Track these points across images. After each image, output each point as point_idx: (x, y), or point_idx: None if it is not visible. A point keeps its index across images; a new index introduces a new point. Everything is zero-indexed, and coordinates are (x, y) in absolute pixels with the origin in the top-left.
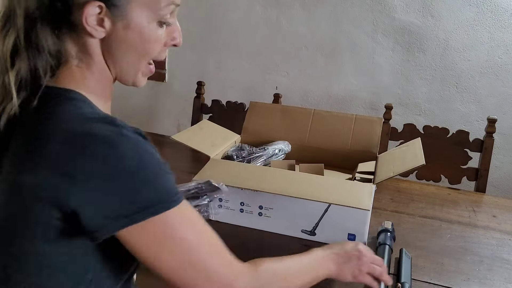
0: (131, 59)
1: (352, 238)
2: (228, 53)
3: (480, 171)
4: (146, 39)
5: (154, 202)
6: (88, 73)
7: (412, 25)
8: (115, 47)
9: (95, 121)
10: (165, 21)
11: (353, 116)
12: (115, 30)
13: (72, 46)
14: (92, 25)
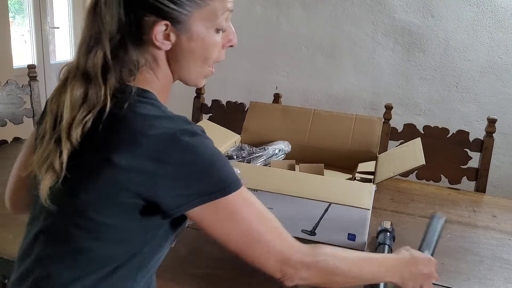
0: (194, 65)
1: (352, 238)
2: (228, 53)
3: (480, 171)
4: (207, 46)
5: (223, 186)
6: (156, 78)
7: (412, 25)
8: (180, 56)
9: (178, 120)
10: (221, 28)
11: (353, 116)
12: (179, 42)
13: (144, 57)
14: (160, 40)
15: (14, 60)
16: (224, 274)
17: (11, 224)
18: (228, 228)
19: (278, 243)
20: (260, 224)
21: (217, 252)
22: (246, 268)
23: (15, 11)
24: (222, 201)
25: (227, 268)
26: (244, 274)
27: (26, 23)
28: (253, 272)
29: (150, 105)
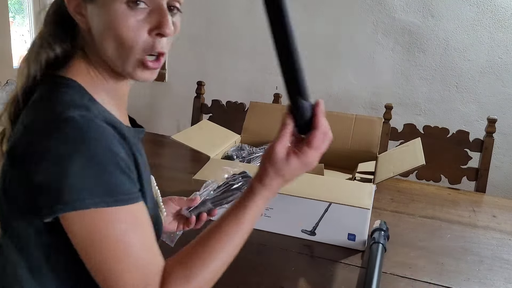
0: (112, 49)
1: (352, 238)
2: (228, 53)
3: (480, 171)
4: (115, 23)
5: (95, 195)
6: (91, 67)
7: (412, 25)
8: (97, 35)
9: (69, 106)
10: (134, 3)
11: (353, 116)
12: (91, 17)
13: (79, 40)
14: (75, 11)
15: (14, 60)
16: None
17: None
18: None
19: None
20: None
21: None
22: (246, 268)
23: (15, 11)
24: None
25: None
26: (244, 274)
27: (26, 23)
28: (253, 272)
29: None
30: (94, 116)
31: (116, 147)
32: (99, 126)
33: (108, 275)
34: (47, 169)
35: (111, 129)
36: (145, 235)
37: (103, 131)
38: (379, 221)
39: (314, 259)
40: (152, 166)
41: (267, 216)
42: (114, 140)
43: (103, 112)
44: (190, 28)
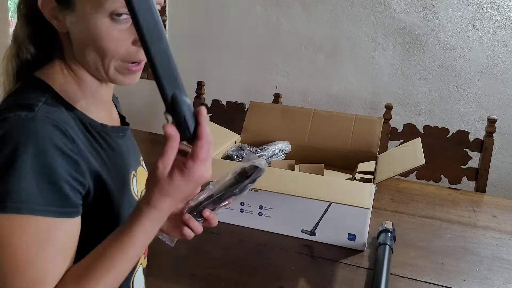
0: (92, 57)
1: (352, 238)
2: (228, 53)
3: (480, 171)
4: (96, 35)
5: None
6: (66, 67)
7: (412, 25)
8: (75, 42)
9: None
10: (117, 17)
11: (353, 116)
12: (68, 24)
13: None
14: (50, 16)
15: None
16: (224, 274)
17: None
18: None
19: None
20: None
21: (217, 252)
22: (246, 268)
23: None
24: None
25: (227, 268)
26: (244, 274)
27: None
28: (253, 272)
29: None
30: (33, 117)
31: (50, 153)
32: (33, 128)
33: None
34: None
35: (55, 132)
36: (51, 253)
37: (35, 135)
38: (386, 222)
39: (314, 259)
40: None
41: (267, 216)
42: (49, 145)
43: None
44: (190, 28)
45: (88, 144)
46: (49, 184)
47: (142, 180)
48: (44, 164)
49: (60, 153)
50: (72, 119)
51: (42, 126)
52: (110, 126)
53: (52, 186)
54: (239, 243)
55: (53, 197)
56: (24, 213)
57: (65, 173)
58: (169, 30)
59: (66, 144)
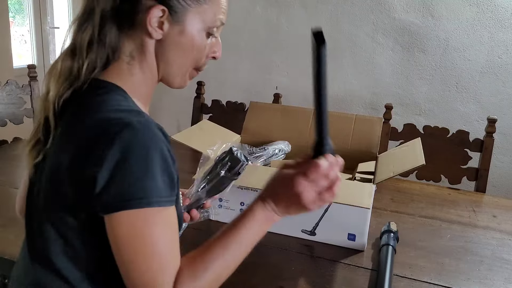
0: (181, 62)
1: (352, 238)
2: (228, 53)
3: (480, 171)
4: (196, 46)
5: (149, 196)
6: (136, 71)
7: (412, 25)
8: (168, 49)
9: (125, 112)
10: (212, 33)
11: (353, 116)
12: (171, 34)
13: (129, 44)
14: (154, 26)
15: (14, 60)
16: None
17: (12, 225)
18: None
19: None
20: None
21: None
22: (246, 268)
23: (15, 11)
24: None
25: None
26: (244, 274)
27: (26, 23)
28: (253, 272)
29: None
30: (148, 122)
31: (166, 152)
32: (154, 131)
33: (132, 270)
34: (109, 172)
35: (160, 134)
36: (172, 237)
37: (157, 137)
38: (390, 222)
39: (314, 259)
40: None
41: None
42: (163, 145)
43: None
44: None
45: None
46: (169, 178)
47: None
48: (165, 163)
49: (168, 152)
50: None
51: (155, 130)
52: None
53: (169, 180)
54: None
55: (170, 188)
56: (157, 205)
57: (172, 168)
58: None
59: (167, 145)
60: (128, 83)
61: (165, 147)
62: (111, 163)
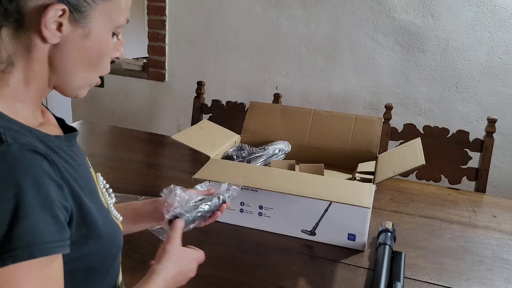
0: (83, 70)
1: (352, 238)
2: (228, 53)
3: (480, 171)
4: (101, 49)
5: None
6: (16, 80)
7: (412, 25)
8: (68, 55)
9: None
10: (117, 32)
11: (353, 116)
12: (72, 37)
13: (8, 49)
14: (51, 29)
15: None
16: (224, 274)
17: None
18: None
19: None
20: None
21: (217, 252)
22: (246, 268)
23: None
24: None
25: (227, 268)
26: (244, 274)
27: None
28: (253, 272)
29: None
30: (8, 148)
31: (44, 182)
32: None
33: None
34: None
35: (38, 158)
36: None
37: (20, 168)
38: (386, 222)
39: (314, 259)
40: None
41: (267, 216)
42: (41, 174)
43: (23, 135)
44: (190, 28)
45: (62, 162)
46: (52, 217)
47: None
48: (44, 196)
49: (50, 180)
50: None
51: (23, 155)
52: (63, 136)
53: (54, 219)
54: (239, 243)
55: (57, 229)
56: (37, 256)
57: (59, 202)
58: (169, 30)
59: (50, 169)
60: (5, 100)
61: (46, 176)
62: None
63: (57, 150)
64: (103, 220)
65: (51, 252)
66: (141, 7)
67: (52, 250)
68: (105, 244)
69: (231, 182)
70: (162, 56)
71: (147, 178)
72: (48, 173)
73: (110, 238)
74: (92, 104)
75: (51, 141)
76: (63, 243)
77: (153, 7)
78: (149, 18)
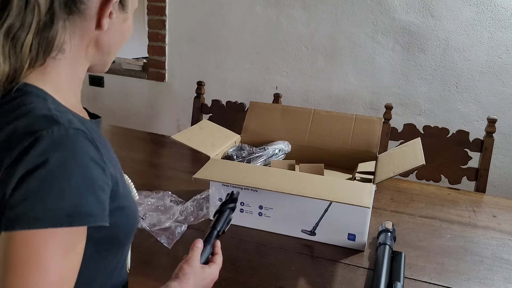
0: (119, 48)
1: (352, 238)
2: (228, 53)
3: (480, 171)
4: (131, 30)
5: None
6: (65, 66)
7: (412, 25)
8: (112, 38)
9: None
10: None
11: (353, 116)
12: (117, 22)
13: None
14: (106, 15)
15: None
16: (224, 274)
17: None
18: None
19: None
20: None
21: None
22: (246, 268)
23: None
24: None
25: (227, 268)
26: (244, 274)
27: None
28: (253, 272)
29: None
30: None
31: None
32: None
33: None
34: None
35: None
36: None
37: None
38: (386, 222)
39: (314, 259)
40: (152, 166)
41: (267, 216)
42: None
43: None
44: (190, 28)
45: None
46: (94, 195)
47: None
48: (87, 178)
49: (95, 164)
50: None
51: (76, 140)
52: (94, 120)
53: (96, 198)
54: (239, 243)
55: (99, 208)
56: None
57: (102, 183)
58: (169, 30)
59: (95, 154)
60: (51, 81)
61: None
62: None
63: (92, 132)
64: (128, 197)
65: (86, 222)
66: (141, 7)
67: (89, 221)
68: (129, 216)
69: (231, 182)
70: (162, 56)
71: (147, 178)
72: (93, 158)
73: (132, 212)
74: (92, 104)
75: (88, 126)
76: (101, 217)
77: (153, 7)
78: (149, 18)
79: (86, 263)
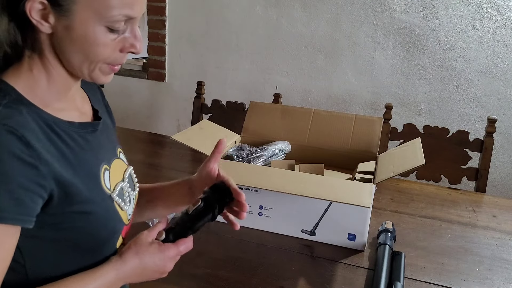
0: (80, 59)
1: (352, 238)
2: (228, 53)
3: (480, 171)
4: (92, 42)
5: None
6: (37, 66)
7: (412, 25)
8: (62, 44)
9: None
10: (114, 28)
11: (353, 116)
12: (59, 29)
13: (27, 38)
14: (37, 19)
15: None
16: (224, 274)
17: None
18: None
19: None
20: None
21: (217, 252)
22: (246, 268)
23: None
24: None
25: (227, 268)
26: (244, 274)
27: None
28: (253, 272)
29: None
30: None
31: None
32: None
33: None
34: None
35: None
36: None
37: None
38: (386, 222)
39: (314, 259)
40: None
41: (267, 216)
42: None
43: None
44: (190, 28)
45: (50, 146)
46: (7, 191)
47: (117, 172)
48: (1, 173)
49: (17, 160)
50: (34, 120)
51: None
52: (78, 122)
53: (9, 194)
54: (239, 243)
55: (10, 204)
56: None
57: (24, 180)
58: (169, 30)
59: (23, 150)
60: (25, 79)
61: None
62: None
63: (60, 133)
64: (97, 203)
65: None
66: None
67: (4, 220)
68: (93, 224)
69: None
70: (162, 56)
71: (147, 178)
72: (16, 153)
73: (101, 221)
74: None
75: (58, 125)
76: (19, 217)
77: (153, 7)
78: (149, 18)
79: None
